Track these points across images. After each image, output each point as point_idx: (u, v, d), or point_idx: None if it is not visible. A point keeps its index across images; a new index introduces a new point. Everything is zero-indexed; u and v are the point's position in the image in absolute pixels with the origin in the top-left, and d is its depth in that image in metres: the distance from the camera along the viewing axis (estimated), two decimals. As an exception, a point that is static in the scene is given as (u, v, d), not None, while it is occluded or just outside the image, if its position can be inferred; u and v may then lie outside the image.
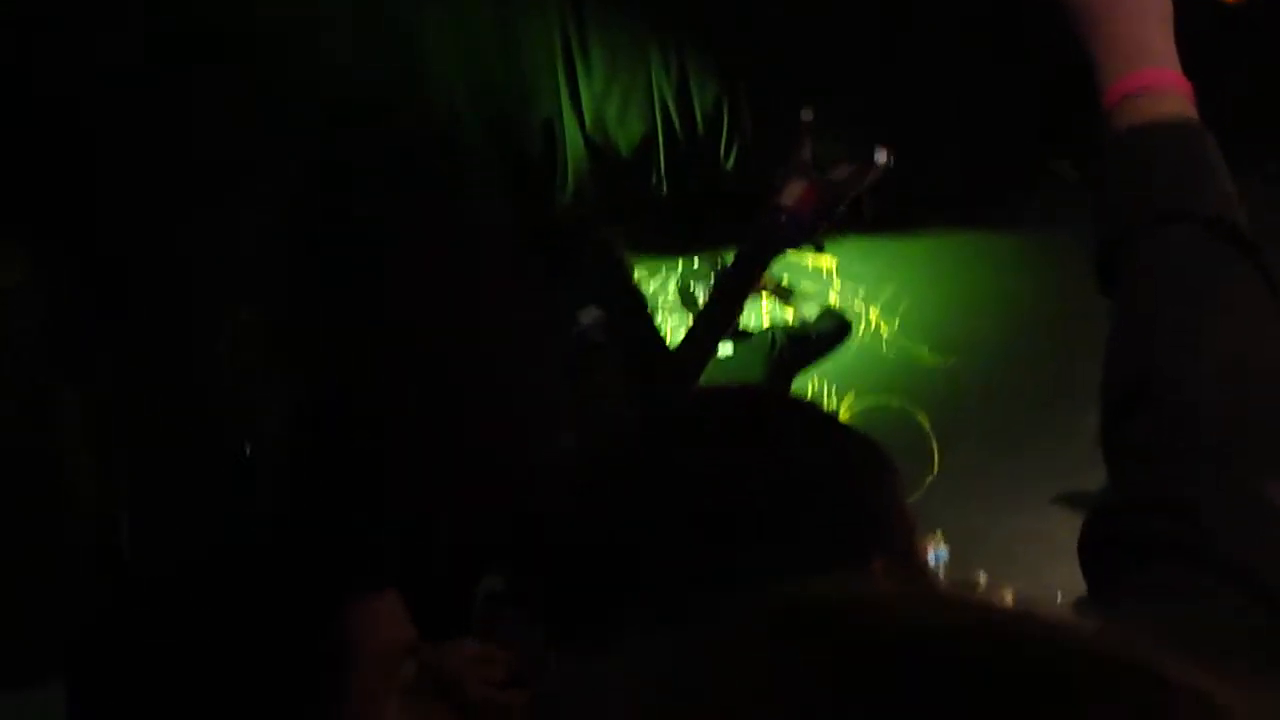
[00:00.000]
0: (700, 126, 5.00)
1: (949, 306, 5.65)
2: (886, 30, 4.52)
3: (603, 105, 4.93)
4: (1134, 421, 1.07)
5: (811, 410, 1.15)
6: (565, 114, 4.92)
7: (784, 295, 4.75)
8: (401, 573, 2.32)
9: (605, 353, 2.40)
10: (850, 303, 5.71)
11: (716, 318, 2.30)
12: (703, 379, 2.35)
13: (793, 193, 2.27)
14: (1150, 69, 1.19)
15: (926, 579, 1.11)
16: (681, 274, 5.03)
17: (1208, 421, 1.03)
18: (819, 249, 2.30)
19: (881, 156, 2.25)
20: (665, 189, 5.24)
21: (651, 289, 4.71)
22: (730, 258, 2.33)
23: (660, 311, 3.72)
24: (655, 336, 2.52)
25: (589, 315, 2.40)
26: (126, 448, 4.28)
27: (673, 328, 3.98)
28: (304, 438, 2.50)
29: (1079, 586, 4.27)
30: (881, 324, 5.69)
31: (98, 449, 4.23)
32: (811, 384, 5.17)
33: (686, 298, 4.72)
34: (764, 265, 2.29)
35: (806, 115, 2.26)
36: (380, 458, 2.38)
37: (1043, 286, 5.41)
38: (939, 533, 4.75)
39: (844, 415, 5.38)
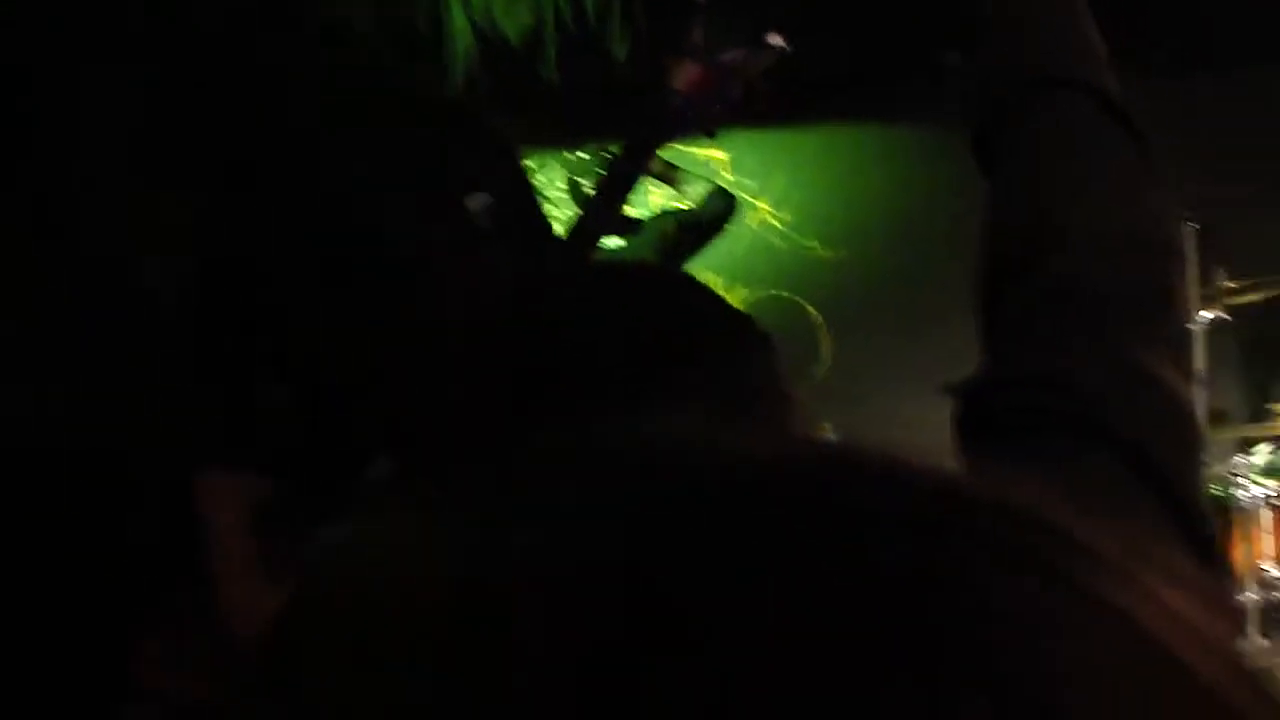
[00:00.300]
0: (591, 15, 4.95)
1: (839, 199, 5.67)
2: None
3: (490, -6, 4.85)
4: (1009, 293, 1.06)
5: (688, 279, 1.14)
6: (452, 3, 4.84)
7: (669, 179, 4.72)
8: (285, 456, 2.30)
9: (492, 238, 2.37)
10: (741, 195, 5.71)
11: (605, 204, 2.28)
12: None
13: (684, 76, 2.24)
14: None
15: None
16: (571, 166, 5.00)
17: (1083, 292, 1.02)
18: (711, 135, 2.27)
19: (775, 40, 2.22)
20: (555, 79, 5.19)
21: (540, 181, 4.67)
22: (618, 147, 2.30)
23: (549, 203, 3.69)
24: (544, 224, 2.49)
25: (476, 200, 2.36)
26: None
27: (563, 220, 3.96)
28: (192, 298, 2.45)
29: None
30: (772, 216, 5.69)
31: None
32: (701, 276, 5.17)
33: (575, 191, 4.70)
34: (653, 150, 2.27)
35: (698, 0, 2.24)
36: (266, 330, 2.34)
37: (933, 178, 5.44)
38: (828, 425, 4.81)
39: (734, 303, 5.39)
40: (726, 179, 5.69)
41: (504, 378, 1.02)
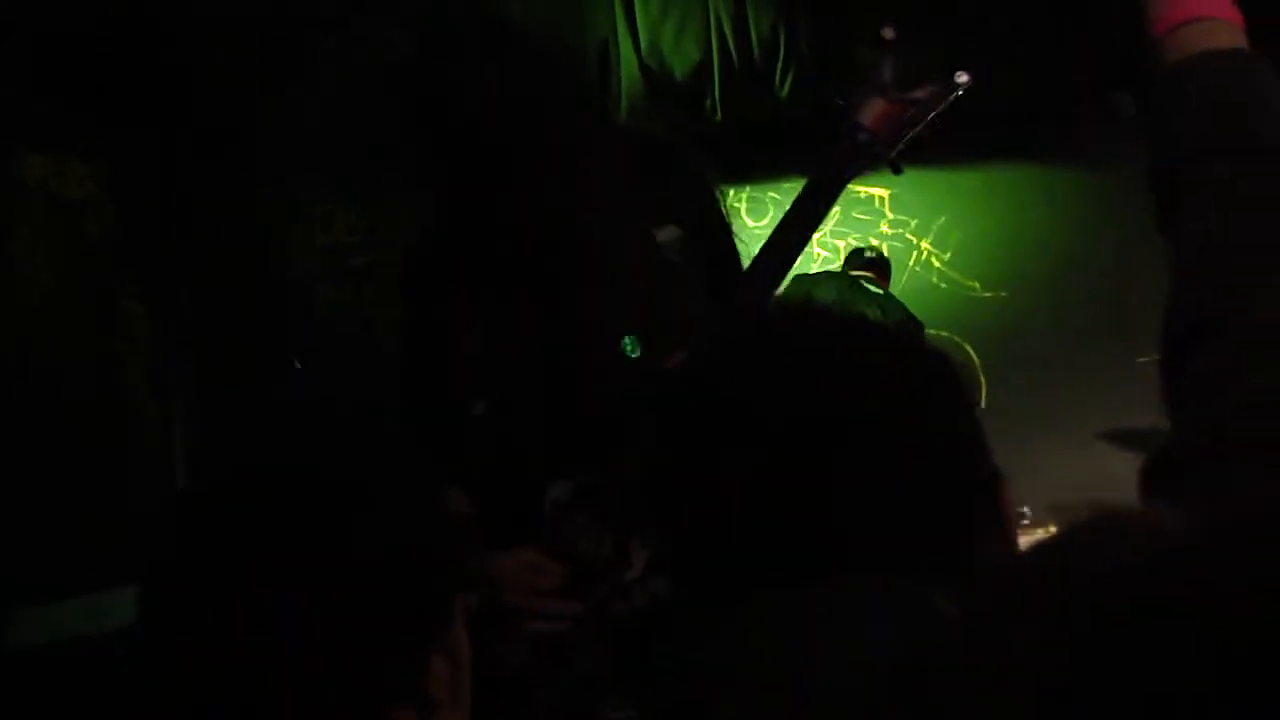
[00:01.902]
0: (756, 53, 4.98)
1: (1001, 240, 5.63)
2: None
3: (658, 29, 4.91)
4: (1197, 356, 1.06)
5: (900, 330, 1.14)
6: (621, 38, 4.91)
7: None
8: (477, 477, 2.34)
9: (682, 272, 2.38)
10: (902, 234, 5.70)
11: (792, 238, 2.27)
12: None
13: (872, 112, 2.23)
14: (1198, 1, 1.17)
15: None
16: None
17: (1273, 353, 1.02)
18: (896, 171, 2.26)
19: (962, 77, 2.21)
20: (719, 115, 5.23)
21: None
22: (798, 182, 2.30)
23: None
24: (734, 256, 2.50)
25: (667, 233, 2.37)
26: (190, 363, 4.34)
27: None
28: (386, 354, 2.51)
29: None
30: (933, 256, 5.67)
31: (160, 362, 4.29)
32: (862, 313, 5.17)
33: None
34: (843, 185, 2.26)
35: (888, 33, 2.22)
36: (465, 361, 2.38)
37: (1096, 222, 5.38)
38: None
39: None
40: (888, 217, 5.68)
41: (691, 437, 1.04)
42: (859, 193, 5.65)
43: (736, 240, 2.43)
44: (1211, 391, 1.04)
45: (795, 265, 2.28)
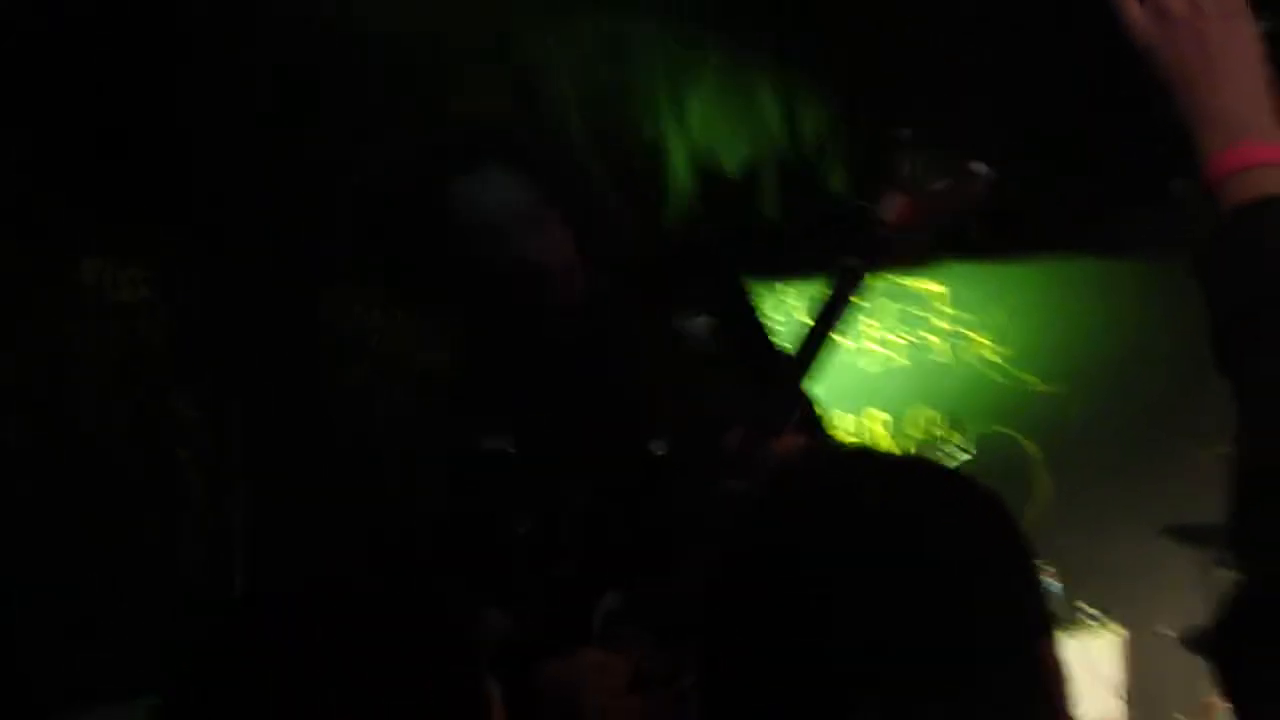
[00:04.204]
0: (808, 150, 5.00)
1: (1059, 333, 5.58)
2: (999, 51, 4.49)
3: (710, 125, 4.93)
4: (1268, 507, 1.07)
5: (955, 476, 1.12)
6: (671, 134, 4.94)
7: None
8: (522, 584, 2.35)
9: (714, 361, 2.41)
10: (959, 330, 5.66)
11: (820, 333, 2.30)
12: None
13: (891, 207, 2.26)
14: (1254, 143, 1.18)
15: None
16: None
17: None
18: (925, 265, 2.31)
19: (980, 168, 2.23)
20: (771, 211, 5.24)
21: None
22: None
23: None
24: (769, 345, 2.52)
25: (697, 324, 2.40)
26: (243, 468, 4.36)
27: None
28: (430, 462, 2.54)
29: (1184, 618, 4.15)
30: (991, 351, 5.63)
31: (213, 466, 4.31)
32: (924, 411, 5.13)
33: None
34: (864, 275, 2.28)
35: (905, 134, 2.26)
36: (501, 473, 2.41)
37: (1155, 312, 5.32)
38: (1047, 565, 4.69)
39: (956, 442, 5.33)
40: (946, 313, 5.65)
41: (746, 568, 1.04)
42: (916, 289, 5.62)
43: (768, 331, 2.46)
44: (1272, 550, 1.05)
45: (827, 359, 2.29)
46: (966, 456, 4.77)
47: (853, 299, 2.27)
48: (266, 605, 1.26)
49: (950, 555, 1.01)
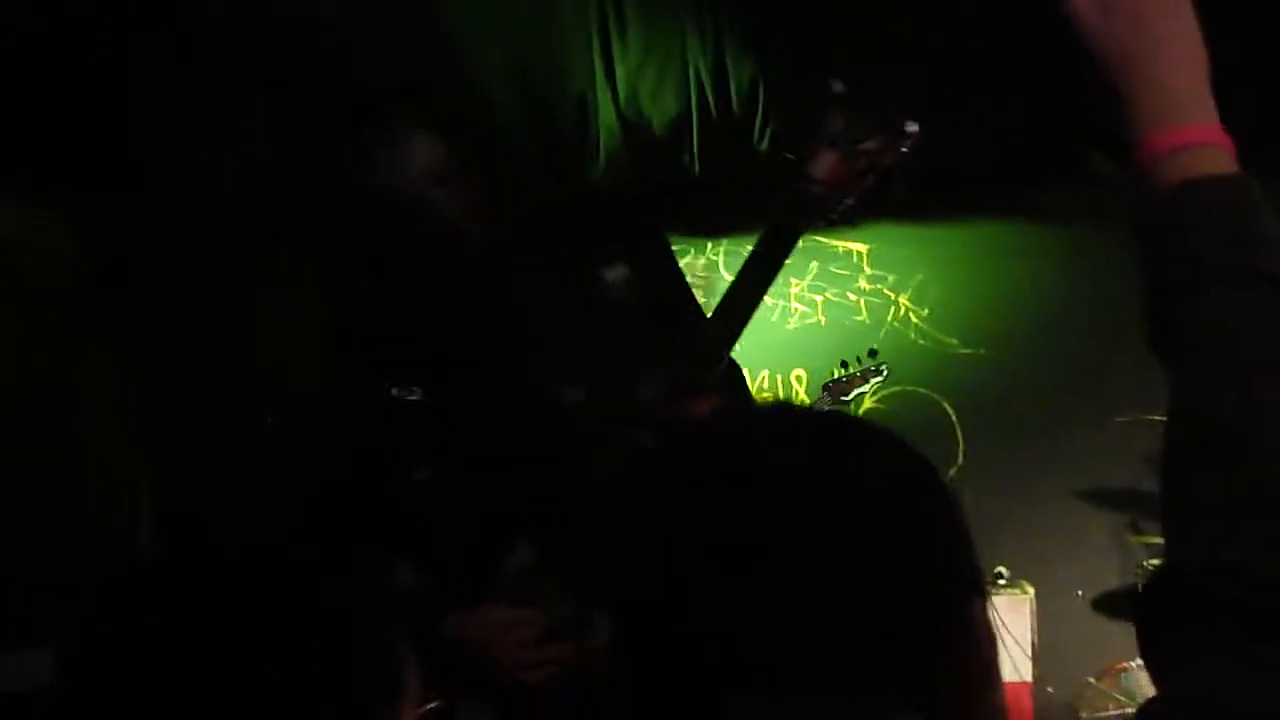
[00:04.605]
0: (735, 105, 4.98)
1: (979, 296, 5.61)
2: (927, 13, 4.48)
3: (637, 82, 4.90)
4: (1197, 477, 1.07)
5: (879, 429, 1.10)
6: (599, 90, 4.90)
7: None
8: (427, 538, 2.33)
9: (629, 310, 2.39)
10: (880, 289, 5.68)
11: (748, 291, 2.28)
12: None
13: (823, 163, 2.24)
14: (1195, 124, 1.20)
15: None
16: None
17: (1274, 480, 1.03)
18: (852, 224, 2.29)
19: (912, 127, 2.22)
20: (697, 168, 5.22)
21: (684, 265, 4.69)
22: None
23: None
24: (687, 298, 2.51)
25: (614, 272, 2.38)
26: (151, 422, 4.29)
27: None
28: (336, 414, 2.50)
29: (1100, 583, 4.19)
30: (911, 312, 5.65)
31: (119, 420, 4.24)
32: (838, 370, 5.14)
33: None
34: (796, 235, 2.26)
35: (837, 86, 2.23)
36: (403, 420, 2.38)
37: (1074, 279, 5.37)
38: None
39: (870, 402, 5.35)
40: (866, 272, 5.67)
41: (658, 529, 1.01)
42: (837, 248, 5.63)
43: (692, 285, 2.45)
44: (1212, 516, 1.05)
45: (752, 318, 2.28)
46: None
47: (781, 258, 2.26)
48: (174, 565, 1.24)
49: (875, 512, 0.98)
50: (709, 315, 2.36)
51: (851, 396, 5.00)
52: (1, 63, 3.79)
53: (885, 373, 4.98)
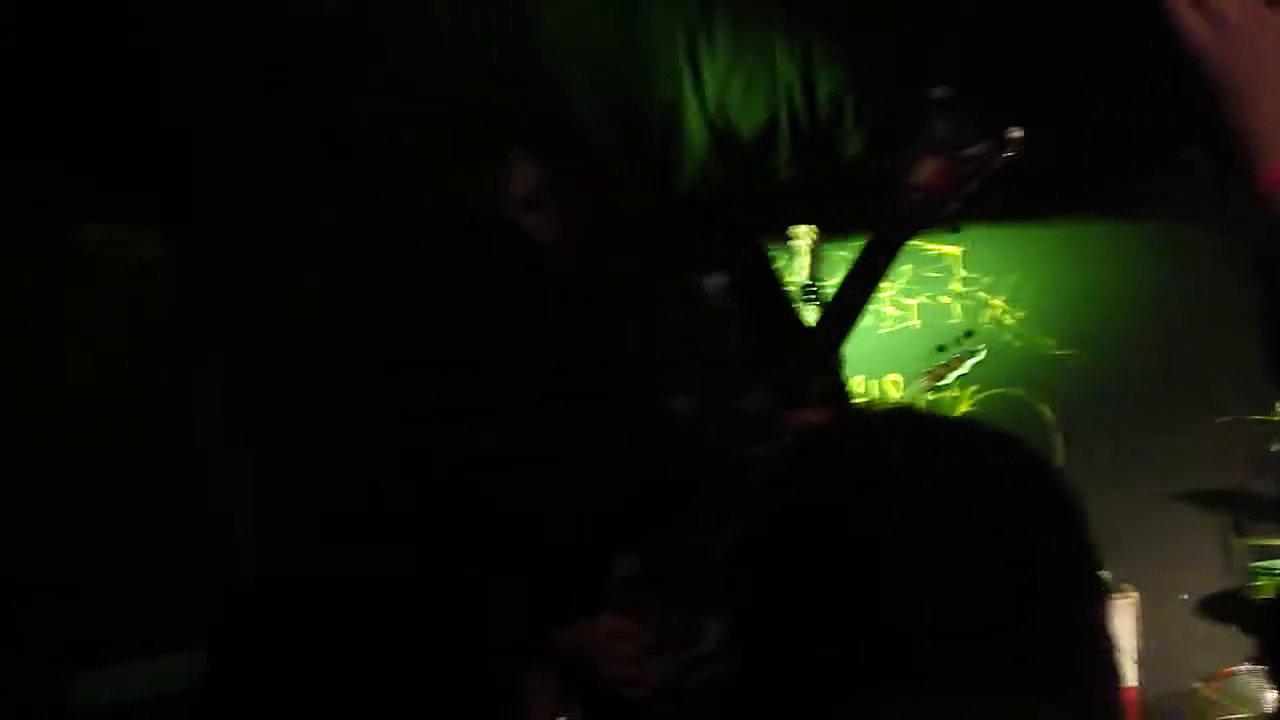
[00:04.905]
0: (824, 111, 4.97)
1: (1075, 297, 5.55)
2: (1018, 15, 4.45)
3: (726, 88, 4.90)
4: None
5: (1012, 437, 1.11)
6: (687, 97, 4.91)
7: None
8: (535, 553, 2.34)
9: (730, 319, 2.39)
10: (974, 291, 5.63)
11: (853, 298, 2.26)
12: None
13: (926, 170, 2.22)
14: None
15: None
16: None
17: None
18: (955, 230, 2.26)
19: (1015, 133, 2.19)
20: (786, 173, 5.21)
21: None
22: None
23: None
24: (787, 306, 2.51)
25: (713, 281, 2.38)
26: (258, 437, 4.36)
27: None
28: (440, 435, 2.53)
29: (1204, 586, 4.12)
30: (1006, 314, 5.60)
31: (231, 434, 4.31)
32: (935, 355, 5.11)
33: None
34: (901, 244, 2.25)
35: (940, 92, 2.21)
36: (515, 440, 2.40)
37: (1171, 278, 5.30)
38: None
39: (967, 404, 5.32)
40: (960, 275, 5.63)
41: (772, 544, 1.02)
42: (930, 251, 5.59)
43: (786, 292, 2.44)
44: None
45: (858, 322, 2.27)
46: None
47: (885, 267, 2.25)
48: (296, 589, 1.25)
49: (1013, 517, 0.99)
50: (813, 324, 2.35)
51: (950, 380, 4.99)
52: (119, 97, 3.88)
53: (982, 353, 4.98)
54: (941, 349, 5.02)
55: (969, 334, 5.05)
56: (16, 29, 3.74)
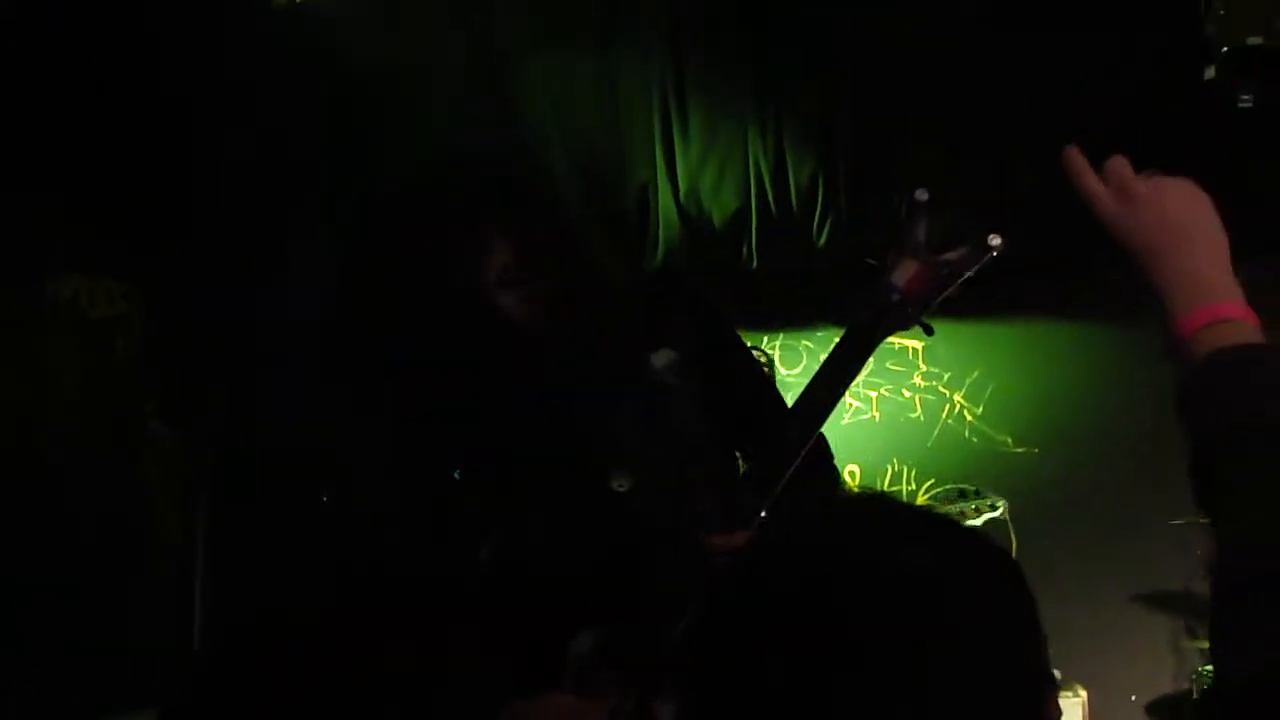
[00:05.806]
0: (794, 202, 5.02)
1: (1034, 394, 5.60)
2: (982, 116, 4.52)
3: (698, 175, 4.95)
4: (1254, 608, 1.11)
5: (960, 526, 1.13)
6: (660, 181, 4.96)
7: None
8: (493, 627, 2.33)
9: (678, 395, 2.39)
10: (935, 386, 5.67)
11: (824, 395, 2.28)
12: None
13: (905, 273, 2.24)
14: (1225, 303, 1.27)
15: None
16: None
17: None
18: (928, 332, 2.27)
19: (995, 240, 2.22)
20: (755, 262, 5.25)
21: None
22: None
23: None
24: (751, 371, 2.52)
25: (662, 358, 2.38)
26: (209, 487, 4.34)
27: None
28: (392, 489, 2.53)
29: (1154, 686, 4.12)
30: (965, 409, 5.64)
31: (180, 484, 4.29)
32: (892, 467, 5.14)
33: None
34: (874, 344, 2.27)
35: (922, 195, 2.24)
36: (465, 507, 2.40)
37: (1132, 380, 5.34)
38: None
39: (923, 500, 5.34)
40: (921, 369, 5.67)
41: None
42: (893, 344, 5.60)
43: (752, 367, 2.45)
44: (1265, 642, 1.09)
45: (828, 419, 2.28)
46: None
47: (860, 363, 2.27)
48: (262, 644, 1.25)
49: (971, 609, 1.02)
50: (790, 413, 2.36)
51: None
52: (94, 151, 3.90)
53: (1002, 507, 4.91)
54: (963, 494, 5.01)
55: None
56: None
